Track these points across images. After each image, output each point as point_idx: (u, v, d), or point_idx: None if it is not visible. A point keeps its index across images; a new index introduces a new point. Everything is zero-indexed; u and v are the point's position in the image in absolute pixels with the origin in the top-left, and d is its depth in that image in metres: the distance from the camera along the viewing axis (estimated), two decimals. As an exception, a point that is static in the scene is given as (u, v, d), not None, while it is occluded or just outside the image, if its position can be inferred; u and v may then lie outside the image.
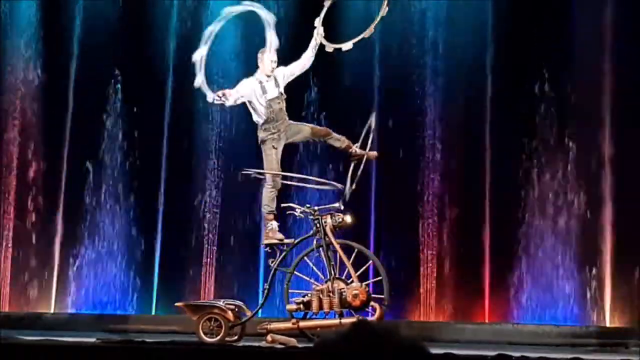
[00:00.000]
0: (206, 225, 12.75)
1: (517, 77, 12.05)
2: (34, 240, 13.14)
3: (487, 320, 11.72)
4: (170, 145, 13.06)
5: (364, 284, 8.07)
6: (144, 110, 13.07)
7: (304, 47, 8.78)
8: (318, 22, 8.70)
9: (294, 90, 9.04)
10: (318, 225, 8.25)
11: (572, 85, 11.72)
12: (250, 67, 9.06)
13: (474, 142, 12.27)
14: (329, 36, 8.93)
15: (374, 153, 8.76)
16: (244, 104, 8.59)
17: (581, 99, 11.74)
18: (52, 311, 12.83)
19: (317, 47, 8.63)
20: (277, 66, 8.55)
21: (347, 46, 8.69)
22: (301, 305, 8.13)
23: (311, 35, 8.71)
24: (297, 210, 8.39)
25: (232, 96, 8.33)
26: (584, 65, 11.83)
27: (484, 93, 12.23)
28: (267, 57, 8.50)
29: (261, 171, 8.44)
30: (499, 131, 12.18)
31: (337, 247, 8.18)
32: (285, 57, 8.86)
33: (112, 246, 12.93)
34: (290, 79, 8.64)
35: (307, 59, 8.64)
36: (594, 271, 11.56)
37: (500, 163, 12.12)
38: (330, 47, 8.67)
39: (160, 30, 13.12)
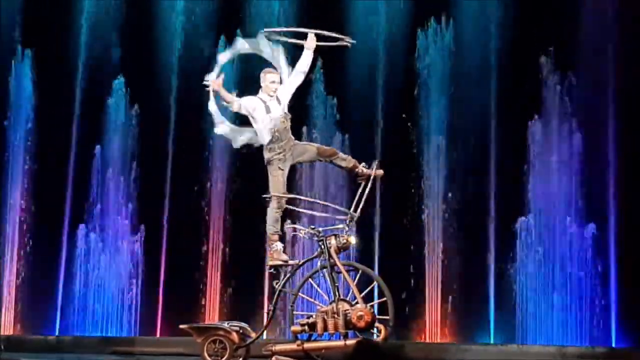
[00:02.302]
0: (211, 246, 12.75)
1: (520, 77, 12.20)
2: (38, 264, 13.16)
3: (492, 342, 11.69)
4: (174, 166, 13.09)
5: (368, 305, 8.05)
6: (148, 131, 13.14)
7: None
8: (310, 39, 8.59)
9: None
10: (322, 246, 8.24)
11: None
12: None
13: (479, 162, 12.31)
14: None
15: (381, 172, 8.71)
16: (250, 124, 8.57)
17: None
18: (56, 334, 12.82)
19: (310, 57, 8.57)
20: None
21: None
22: (306, 327, 8.09)
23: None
24: (301, 231, 8.39)
25: (239, 100, 8.31)
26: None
27: (488, 119, 12.33)
28: (269, 78, 8.50)
29: (283, 195, 8.36)
30: (505, 149, 12.24)
31: (342, 268, 8.16)
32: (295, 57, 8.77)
33: (117, 269, 12.93)
34: (292, 92, 8.61)
35: (302, 71, 8.59)
36: (600, 291, 11.55)
37: (506, 182, 12.15)
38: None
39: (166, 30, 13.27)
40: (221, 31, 12.63)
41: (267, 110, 8.40)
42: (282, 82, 8.50)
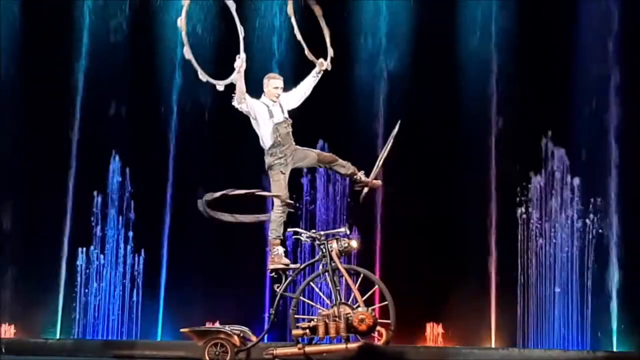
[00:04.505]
0: (212, 251, 12.76)
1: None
2: (39, 266, 13.17)
3: (494, 345, 11.69)
4: (175, 172, 13.11)
5: (370, 308, 8.06)
6: (150, 137, 13.16)
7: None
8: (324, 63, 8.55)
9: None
10: (324, 250, 8.25)
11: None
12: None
13: (480, 170, 12.33)
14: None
15: (378, 182, 8.77)
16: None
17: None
18: (57, 337, 12.82)
19: (316, 81, 8.59)
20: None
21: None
22: (307, 330, 8.11)
23: (314, 42, 8.63)
24: (303, 235, 8.40)
25: (246, 98, 8.31)
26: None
27: (489, 121, 12.37)
28: (272, 83, 8.51)
29: (221, 192, 8.47)
30: (506, 161, 12.28)
31: (344, 271, 8.17)
32: (292, 64, 8.77)
33: (118, 273, 12.94)
34: (291, 107, 8.63)
35: (307, 89, 8.61)
36: (601, 295, 11.56)
37: (507, 190, 12.17)
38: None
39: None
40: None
41: (270, 115, 8.43)
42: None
